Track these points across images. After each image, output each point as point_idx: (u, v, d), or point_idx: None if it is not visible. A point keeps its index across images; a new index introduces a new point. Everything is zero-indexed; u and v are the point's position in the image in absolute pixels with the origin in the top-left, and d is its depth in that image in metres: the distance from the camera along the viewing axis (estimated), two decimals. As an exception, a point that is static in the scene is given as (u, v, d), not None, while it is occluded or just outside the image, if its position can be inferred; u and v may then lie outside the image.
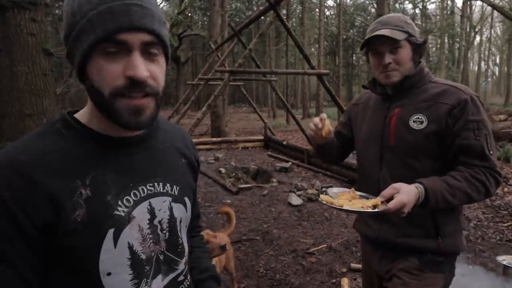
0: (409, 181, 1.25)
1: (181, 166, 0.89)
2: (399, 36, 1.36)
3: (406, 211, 1.17)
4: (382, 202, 1.17)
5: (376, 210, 1.14)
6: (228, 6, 20.18)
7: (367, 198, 1.25)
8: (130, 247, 0.74)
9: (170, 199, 0.83)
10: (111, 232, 0.71)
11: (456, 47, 34.49)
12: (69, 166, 0.70)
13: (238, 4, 34.10)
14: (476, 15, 41.40)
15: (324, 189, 1.35)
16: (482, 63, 48.88)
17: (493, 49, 49.95)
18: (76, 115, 0.78)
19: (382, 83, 1.47)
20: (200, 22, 33.16)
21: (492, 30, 44.05)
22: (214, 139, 11.42)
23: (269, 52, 28.13)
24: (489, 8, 30.09)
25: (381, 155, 1.48)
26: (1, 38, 3.98)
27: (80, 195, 0.69)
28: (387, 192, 1.18)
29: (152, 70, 0.71)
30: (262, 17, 10.07)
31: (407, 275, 1.43)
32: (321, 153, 1.68)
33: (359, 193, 1.30)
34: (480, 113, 1.35)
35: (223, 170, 7.69)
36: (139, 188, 0.78)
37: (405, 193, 1.17)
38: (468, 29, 36.40)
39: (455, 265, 1.49)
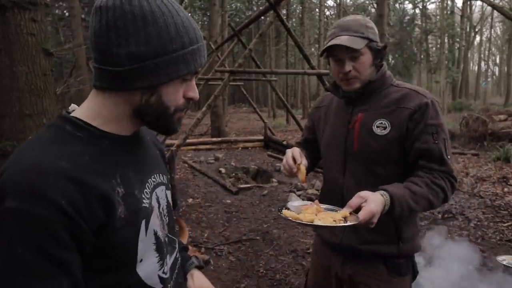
0: (373, 188, 1.23)
1: (158, 157, 0.97)
2: (359, 44, 1.33)
3: (375, 221, 1.14)
4: (350, 213, 1.14)
5: (349, 223, 1.09)
6: (228, 6, 20.19)
7: (333, 210, 1.20)
8: (155, 233, 0.83)
9: (164, 187, 0.92)
10: (143, 223, 0.79)
11: (456, 47, 34.49)
12: (101, 167, 0.73)
13: (238, 4, 34.10)
14: (476, 15, 41.41)
15: (282, 204, 1.25)
16: (482, 63, 48.89)
17: (493, 49, 49.95)
18: (77, 115, 0.79)
19: (343, 89, 1.46)
20: (200, 22, 33.15)
21: (492, 30, 44.07)
22: (214, 139, 11.42)
23: (269, 52, 28.12)
24: (489, 8, 30.11)
25: (345, 161, 1.46)
26: (1, 38, 3.98)
27: (118, 193, 0.74)
28: (354, 202, 1.15)
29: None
30: (262, 17, 10.07)
31: (376, 282, 1.45)
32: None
33: (323, 205, 1.23)
34: (439, 117, 1.35)
35: (223, 170, 7.69)
36: (149, 180, 0.86)
37: (373, 202, 1.14)
38: (468, 29, 36.42)
39: (416, 262, 1.53)
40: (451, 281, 2.80)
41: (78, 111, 0.81)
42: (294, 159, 1.39)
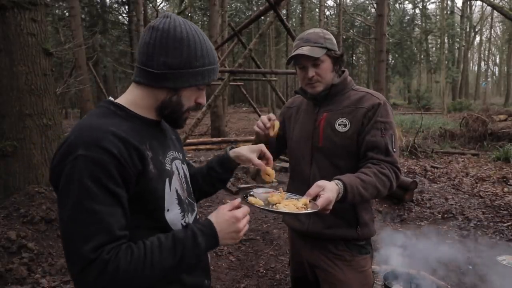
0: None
1: (176, 141, 1.27)
2: (318, 53, 1.56)
3: (331, 207, 1.29)
4: (310, 201, 1.26)
5: (310, 210, 1.22)
6: (228, 6, 20.17)
7: (294, 198, 1.32)
8: (176, 191, 1.11)
9: (180, 161, 1.20)
10: (168, 180, 1.07)
11: (456, 47, 34.50)
12: (136, 135, 1.01)
13: (238, 4, 34.11)
14: (476, 15, 41.42)
15: (248, 191, 1.34)
16: (482, 63, 48.87)
17: (493, 49, 49.93)
18: (120, 101, 1.08)
19: (308, 92, 1.66)
20: (200, 22, 33.15)
21: (492, 30, 44.05)
22: (214, 139, 11.42)
23: (269, 52, 28.12)
24: (489, 8, 30.11)
25: (312, 155, 1.66)
26: (1, 38, 3.98)
27: (148, 155, 1.01)
28: (313, 190, 1.29)
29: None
30: (262, 17, 10.07)
31: (341, 263, 1.66)
32: None
33: (285, 193, 1.36)
34: (388, 116, 1.57)
35: (223, 170, 7.68)
36: (169, 153, 1.14)
37: (329, 191, 1.28)
38: (468, 29, 36.42)
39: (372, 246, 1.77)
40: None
41: (120, 99, 1.09)
42: (269, 120, 1.56)
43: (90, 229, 0.89)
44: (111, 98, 1.11)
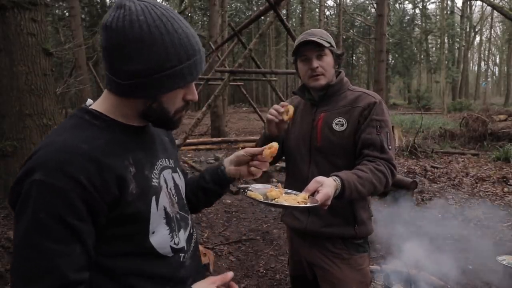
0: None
1: (168, 144, 1.10)
2: (324, 43, 1.59)
3: (329, 202, 1.29)
4: (308, 196, 1.26)
5: (309, 204, 1.22)
6: (228, 6, 20.18)
7: (292, 194, 1.32)
8: (164, 209, 0.95)
9: (171, 170, 1.04)
10: (154, 198, 0.91)
11: (456, 47, 34.50)
12: (116, 149, 0.86)
13: (238, 4, 34.11)
14: (476, 15, 41.41)
15: (246, 186, 1.36)
16: (482, 63, 48.88)
17: (493, 49, 49.93)
18: (96, 108, 0.92)
19: (311, 86, 1.67)
20: (200, 22, 33.15)
21: (492, 30, 44.05)
22: (214, 139, 11.42)
23: (269, 52, 28.14)
24: (489, 8, 30.10)
25: (310, 155, 1.68)
26: (1, 38, 3.98)
27: (130, 172, 0.87)
28: (311, 186, 1.29)
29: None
30: (262, 17, 10.07)
31: (339, 261, 1.68)
32: None
33: (284, 189, 1.35)
34: (384, 114, 1.60)
35: (223, 170, 7.68)
36: (157, 163, 0.98)
37: (328, 186, 1.29)
38: (468, 29, 36.42)
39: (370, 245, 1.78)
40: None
41: (95, 105, 0.93)
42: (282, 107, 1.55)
43: (36, 269, 0.74)
44: (87, 104, 0.94)
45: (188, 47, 0.85)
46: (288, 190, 1.36)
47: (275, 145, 1.20)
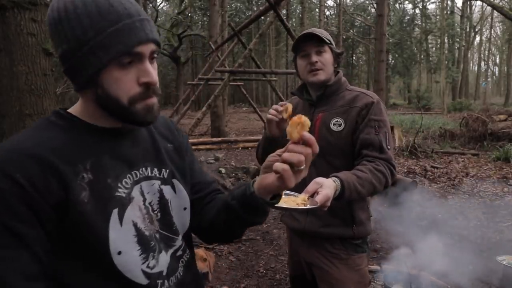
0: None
1: (168, 152, 0.95)
2: (324, 39, 1.59)
3: (329, 204, 1.28)
4: (308, 198, 1.25)
5: (309, 206, 1.21)
6: (228, 6, 20.18)
7: (291, 195, 1.31)
8: (135, 225, 0.81)
9: (159, 182, 0.89)
10: (115, 212, 0.78)
11: (456, 47, 34.50)
12: (70, 152, 0.77)
13: (238, 4, 34.11)
14: (476, 15, 41.42)
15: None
16: (482, 63, 48.89)
17: (493, 49, 49.94)
18: (70, 111, 0.84)
19: (310, 81, 1.66)
20: (200, 22, 33.15)
21: (492, 30, 44.06)
22: (214, 139, 11.41)
23: (269, 52, 28.14)
24: (489, 8, 30.09)
25: None
26: (1, 38, 3.98)
27: (82, 179, 0.75)
28: (311, 187, 1.28)
29: (155, 74, 0.81)
30: (262, 17, 10.07)
31: (337, 261, 1.67)
32: (267, 150, 1.68)
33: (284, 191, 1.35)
34: (382, 114, 1.59)
35: (223, 170, 7.69)
36: (133, 172, 0.85)
37: (327, 187, 1.29)
38: (468, 29, 36.42)
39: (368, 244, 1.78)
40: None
41: (71, 108, 0.86)
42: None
43: None
44: (60, 108, 0.87)
45: (109, 13, 0.73)
46: (288, 192, 1.33)
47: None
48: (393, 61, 34.62)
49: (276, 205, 1.14)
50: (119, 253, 0.77)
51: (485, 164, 7.99)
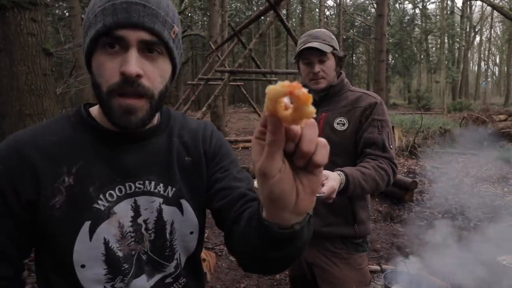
0: None
1: (184, 166, 0.83)
2: (327, 49, 1.61)
3: (334, 196, 1.31)
4: None
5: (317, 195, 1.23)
6: (228, 6, 20.19)
7: None
8: (106, 243, 0.74)
9: (161, 200, 0.80)
10: (87, 224, 0.72)
11: (456, 47, 34.48)
12: (61, 152, 0.74)
13: (238, 4, 34.11)
14: (476, 15, 41.41)
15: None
16: (482, 63, 48.89)
17: (493, 49, 49.93)
18: (91, 108, 0.81)
19: (312, 89, 1.68)
20: (200, 22, 33.15)
21: (492, 30, 44.05)
22: (214, 139, 11.40)
23: (269, 52, 28.14)
24: (489, 8, 30.09)
25: None
26: (1, 38, 3.98)
27: (62, 182, 0.72)
28: None
29: (147, 70, 0.69)
30: (262, 17, 10.07)
31: (338, 261, 1.69)
32: None
33: None
34: (385, 114, 1.63)
35: (223, 170, 7.69)
36: (126, 184, 0.76)
37: (333, 180, 1.32)
38: (468, 29, 36.41)
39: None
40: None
41: (96, 105, 0.82)
42: None
43: None
44: (87, 103, 0.84)
45: None
46: None
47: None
48: (393, 61, 34.62)
49: None
50: (83, 266, 0.73)
51: (485, 164, 7.99)
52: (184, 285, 0.87)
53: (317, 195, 1.22)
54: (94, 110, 0.80)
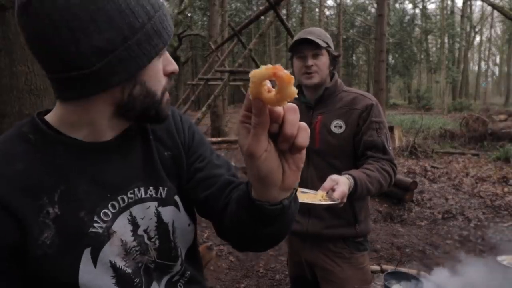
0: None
1: (166, 162, 0.79)
2: (321, 43, 1.60)
3: (345, 200, 1.32)
4: (326, 194, 1.30)
5: (331, 202, 1.25)
6: (228, 6, 20.19)
7: (307, 192, 1.36)
8: (113, 265, 0.68)
9: (155, 203, 0.75)
10: (87, 251, 0.65)
11: (456, 47, 34.48)
12: (35, 180, 0.63)
13: (238, 4, 34.10)
14: (476, 15, 41.43)
15: None
16: (482, 63, 48.91)
17: (493, 49, 49.95)
18: (47, 117, 0.69)
19: (303, 84, 1.68)
20: (200, 22, 33.15)
21: (492, 30, 44.08)
22: (214, 139, 11.41)
23: (269, 52, 28.14)
24: (489, 8, 30.11)
25: (308, 157, 1.67)
26: (1, 38, 3.98)
27: (47, 215, 0.62)
28: (327, 184, 1.33)
29: None
30: (262, 17, 10.07)
31: (340, 260, 1.70)
32: None
33: (300, 188, 1.39)
34: (381, 116, 1.65)
35: (223, 170, 7.70)
36: (119, 198, 0.70)
37: (343, 184, 1.33)
38: (468, 29, 36.42)
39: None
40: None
41: (52, 112, 0.70)
42: None
43: None
44: (40, 112, 0.72)
45: None
46: (304, 189, 1.39)
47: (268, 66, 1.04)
48: (393, 61, 34.61)
49: (300, 201, 1.01)
50: None
51: (485, 164, 7.99)
52: (189, 278, 0.85)
53: (331, 202, 1.22)
54: (53, 120, 0.68)
